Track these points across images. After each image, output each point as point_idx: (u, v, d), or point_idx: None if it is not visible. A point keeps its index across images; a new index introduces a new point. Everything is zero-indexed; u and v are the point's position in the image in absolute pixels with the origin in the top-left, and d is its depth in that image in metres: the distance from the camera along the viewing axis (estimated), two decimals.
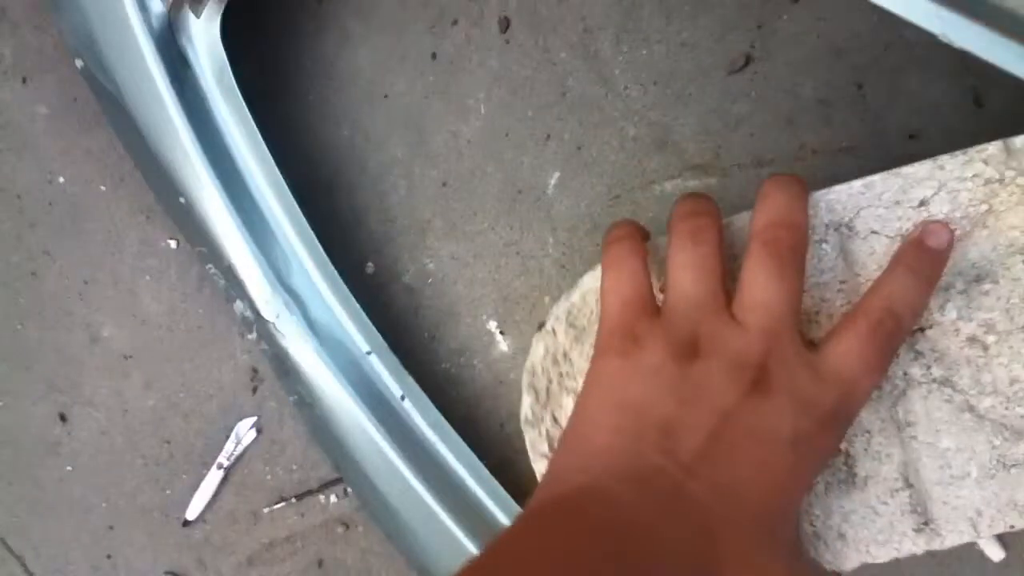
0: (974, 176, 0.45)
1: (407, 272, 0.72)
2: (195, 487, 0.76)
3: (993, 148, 0.45)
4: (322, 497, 0.75)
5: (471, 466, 0.68)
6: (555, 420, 0.51)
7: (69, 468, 0.79)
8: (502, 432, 0.71)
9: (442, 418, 0.68)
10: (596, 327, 0.46)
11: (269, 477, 0.75)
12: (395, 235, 0.71)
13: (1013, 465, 0.45)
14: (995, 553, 0.63)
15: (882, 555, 0.46)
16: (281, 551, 0.76)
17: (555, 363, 0.50)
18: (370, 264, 0.72)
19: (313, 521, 0.75)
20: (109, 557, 0.79)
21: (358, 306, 0.67)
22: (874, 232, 0.46)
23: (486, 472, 0.68)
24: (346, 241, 0.72)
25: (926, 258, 0.42)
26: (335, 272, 0.68)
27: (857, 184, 0.46)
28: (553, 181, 0.67)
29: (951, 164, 0.45)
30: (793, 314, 0.38)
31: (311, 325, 0.68)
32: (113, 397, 0.78)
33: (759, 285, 0.38)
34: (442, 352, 0.72)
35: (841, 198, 0.46)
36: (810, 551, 0.46)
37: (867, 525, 0.46)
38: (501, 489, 0.66)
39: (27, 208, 0.78)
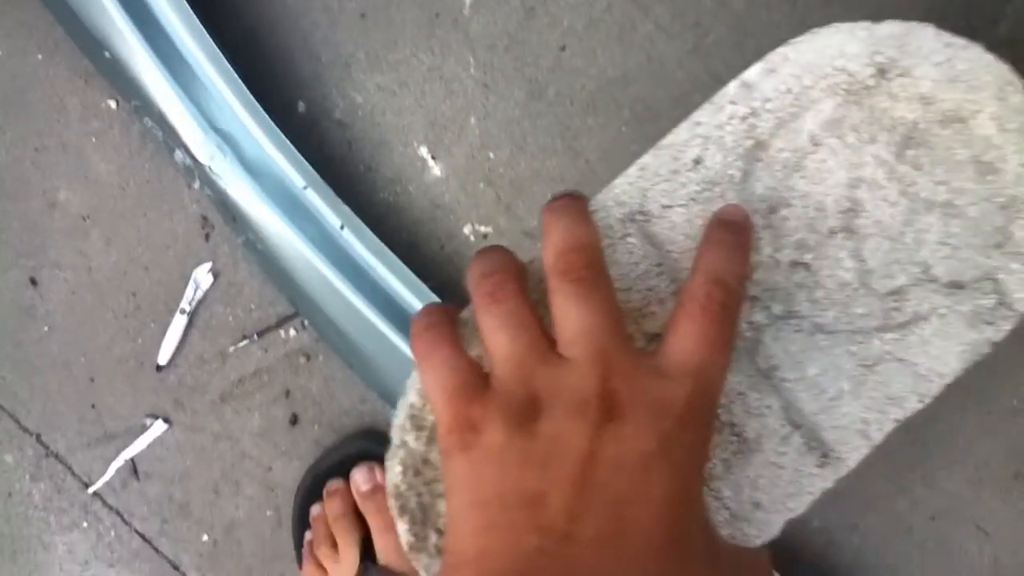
0: (731, 118, 0.47)
1: (337, 108, 0.75)
2: (163, 334, 0.82)
3: (733, 88, 0.47)
4: (282, 332, 0.80)
5: (415, 288, 0.73)
6: (440, 532, 0.46)
7: (46, 328, 0.85)
8: (443, 253, 0.76)
9: (381, 243, 0.72)
10: None
11: (231, 318, 0.81)
12: (322, 72, 0.75)
13: (875, 363, 0.47)
14: None
15: (798, 505, 0.46)
16: (250, 386, 0.82)
17: (417, 474, 0.46)
18: (301, 103, 0.76)
19: (276, 355, 0.81)
20: (93, 407, 0.86)
21: (287, 141, 0.71)
22: (666, 206, 0.47)
23: (430, 292, 0.72)
24: (275, 83, 0.75)
25: (733, 228, 0.41)
26: (261, 109, 0.71)
27: (632, 170, 0.47)
28: (469, 1, 0.70)
29: (705, 116, 0.47)
30: (614, 327, 0.37)
31: (246, 165, 0.72)
32: (77, 257, 0.83)
33: (571, 316, 0.36)
34: (379, 182, 0.76)
35: (625, 189, 0.47)
36: (734, 535, 0.46)
37: (776, 483, 0.46)
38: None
39: None
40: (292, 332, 0.79)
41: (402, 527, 0.44)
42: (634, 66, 0.70)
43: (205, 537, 0.85)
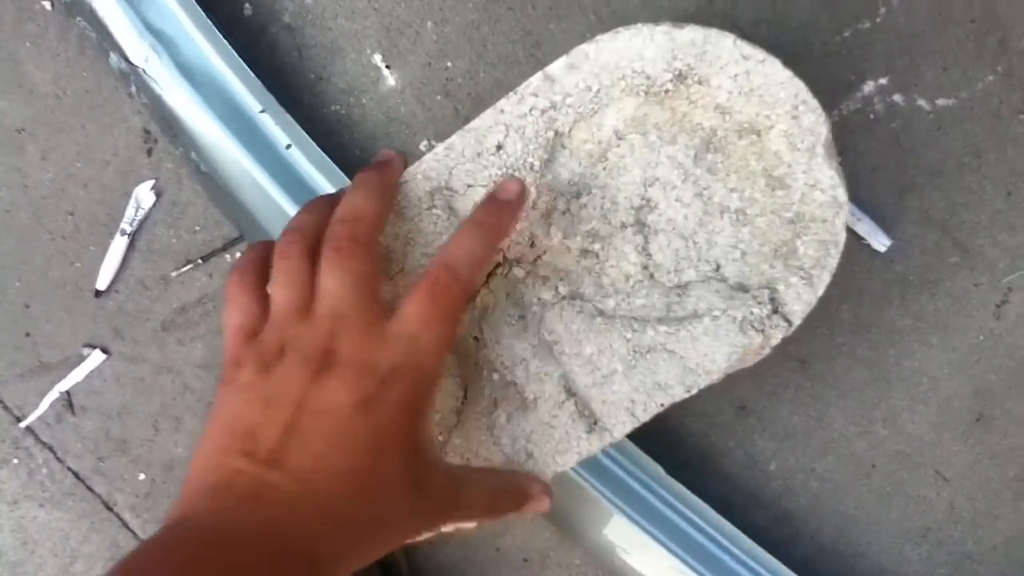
0: (531, 110, 0.52)
1: (286, 11, 0.73)
2: (103, 257, 0.80)
3: (536, 81, 0.52)
4: (228, 256, 0.78)
5: None
6: None
7: None
8: None
9: (331, 161, 0.70)
10: None
11: (174, 240, 0.78)
12: None
13: (647, 351, 0.52)
14: (881, 243, 0.66)
15: (567, 461, 0.53)
16: (194, 314, 0.80)
17: None
18: (247, 6, 0.73)
19: (222, 281, 0.78)
20: (28, 335, 0.83)
21: (225, 41, 0.68)
22: (470, 186, 0.53)
23: None
24: None
25: (493, 210, 0.49)
26: (200, 10, 0.68)
27: (440, 148, 0.53)
28: None
29: (508, 105, 0.52)
30: (357, 293, 0.43)
31: (182, 69, 0.70)
32: (12, 173, 0.80)
33: (322, 280, 0.43)
34: (331, 93, 0.74)
35: (432, 165, 0.53)
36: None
37: (547, 440, 0.53)
38: None
39: None
40: (238, 255, 0.77)
41: None
42: None
43: (142, 476, 0.83)
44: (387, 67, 0.70)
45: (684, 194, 0.53)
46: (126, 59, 0.68)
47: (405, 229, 0.54)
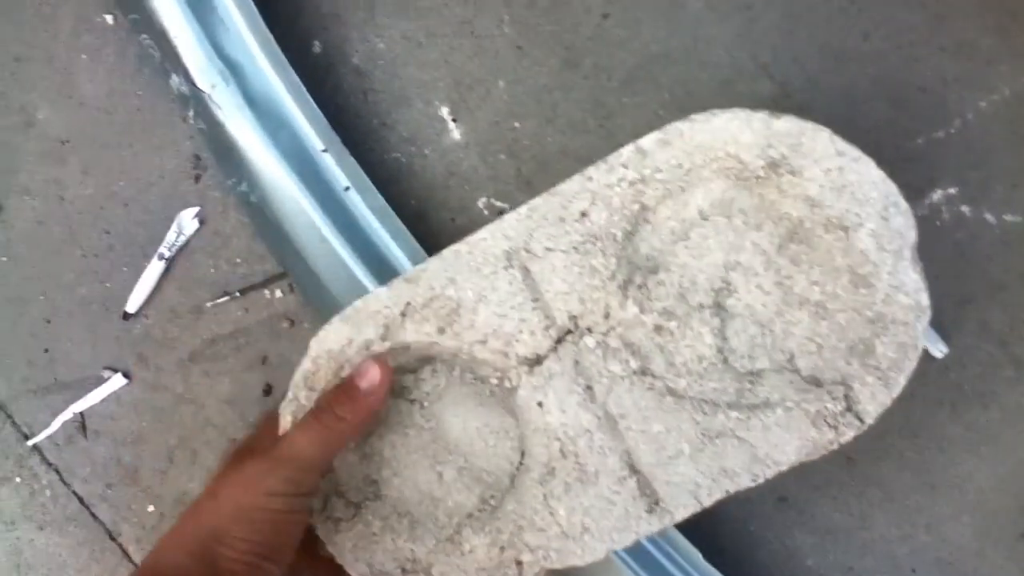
0: (620, 180, 0.53)
1: (356, 53, 0.73)
2: (135, 280, 0.79)
3: (628, 152, 0.53)
4: (267, 292, 0.78)
5: (419, 261, 0.71)
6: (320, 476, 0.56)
7: (4, 259, 0.81)
8: (452, 225, 0.74)
9: (389, 208, 0.70)
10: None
11: (212, 271, 0.78)
12: (343, 12, 0.72)
13: (717, 436, 0.52)
14: (938, 350, 0.67)
15: (624, 540, 0.53)
16: (224, 347, 0.79)
17: None
18: (317, 43, 0.73)
19: (258, 317, 0.78)
20: (46, 351, 0.82)
21: (299, 81, 0.69)
22: (549, 250, 0.54)
23: None
24: (291, 17, 0.73)
25: (343, 399, 0.52)
26: (274, 41, 0.68)
27: (523, 209, 0.54)
28: None
29: (597, 174, 0.53)
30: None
31: (250, 100, 0.70)
32: (50, 185, 0.80)
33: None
34: (393, 140, 0.74)
35: (513, 225, 0.54)
36: (561, 550, 0.53)
37: (606, 516, 0.53)
38: None
39: None
40: (278, 293, 0.76)
41: None
42: (678, 45, 0.68)
43: (151, 507, 0.82)
44: (453, 120, 0.71)
45: (765, 281, 0.53)
46: (191, 83, 0.68)
47: (480, 287, 0.54)
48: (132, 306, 0.78)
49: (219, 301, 0.77)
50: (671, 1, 0.66)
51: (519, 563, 0.54)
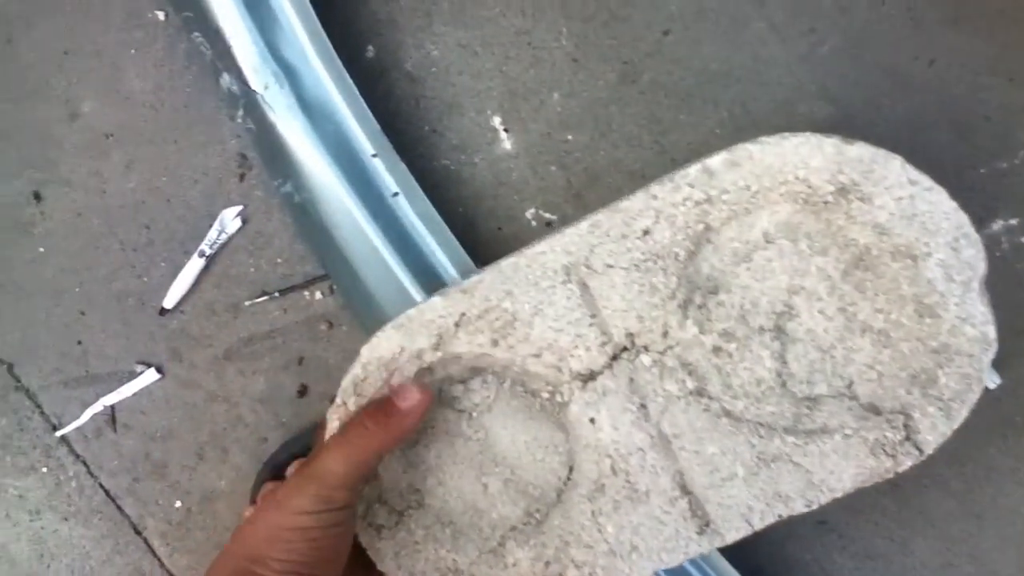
0: (685, 200, 0.53)
1: (409, 59, 0.73)
2: (174, 275, 0.78)
3: (694, 171, 0.53)
4: (306, 293, 0.78)
5: (465, 269, 0.71)
6: (365, 482, 0.56)
7: (41, 249, 0.81)
8: (500, 234, 0.74)
9: (437, 216, 0.70)
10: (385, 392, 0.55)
11: (252, 269, 0.78)
12: (398, 17, 0.72)
13: (772, 460, 0.53)
14: (991, 380, 0.67)
15: (672, 560, 0.53)
16: (261, 346, 0.79)
17: None
18: (371, 47, 0.73)
19: (296, 317, 0.78)
20: (80, 343, 0.82)
21: (353, 86, 0.69)
22: (609, 266, 0.54)
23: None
24: (346, 21, 0.73)
25: (381, 417, 0.53)
26: (330, 46, 0.68)
27: (584, 224, 0.54)
28: None
29: (662, 192, 0.53)
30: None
31: (302, 102, 0.70)
32: (91, 177, 0.80)
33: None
34: (443, 147, 0.74)
35: (574, 240, 0.54)
36: (608, 567, 0.54)
37: (655, 535, 0.53)
38: None
39: None
40: (318, 295, 0.76)
41: None
42: (739, 64, 0.68)
43: (178, 503, 0.82)
44: (505, 130, 0.71)
45: (828, 307, 0.53)
46: (243, 83, 0.68)
47: (536, 300, 0.55)
48: (169, 301, 0.78)
49: (258, 300, 0.77)
50: (733, 21, 0.66)
51: None
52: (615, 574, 0.54)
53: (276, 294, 0.76)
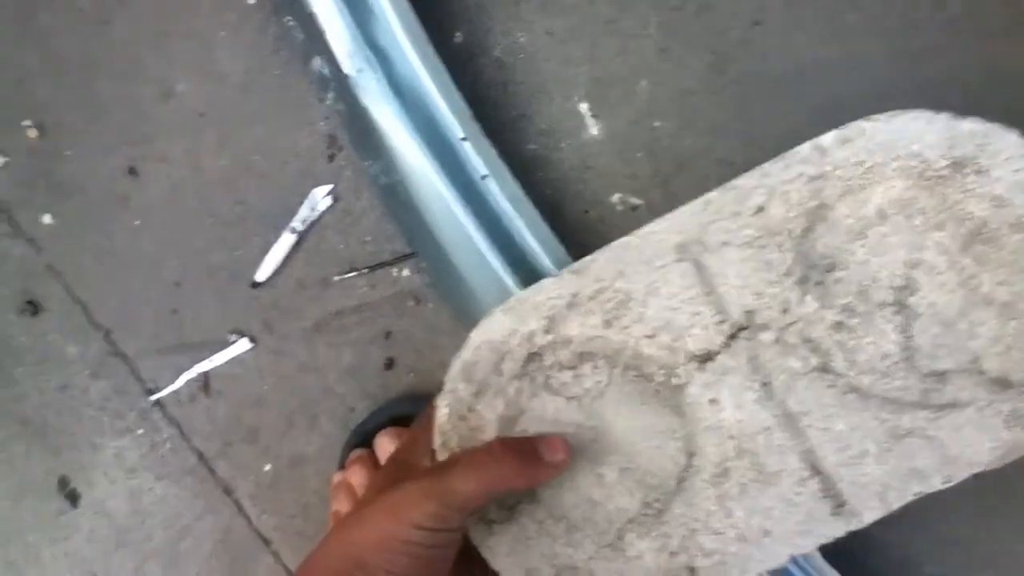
0: (797, 176, 0.53)
1: (498, 45, 0.74)
2: (265, 250, 0.81)
3: (806, 149, 0.53)
4: (394, 270, 0.80)
5: (551, 250, 0.73)
6: None
7: (137, 222, 0.85)
8: (586, 217, 0.76)
9: (525, 197, 0.72)
10: (496, 378, 0.55)
11: (342, 246, 0.81)
12: (488, 5, 0.73)
13: (904, 435, 0.51)
14: None
15: (807, 544, 0.52)
16: (349, 320, 0.82)
17: (461, 419, 0.56)
18: (459, 33, 0.75)
19: (383, 293, 0.81)
20: (175, 312, 0.86)
21: (446, 71, 0.70)
22: (723, 243, 0.53)
23: (566, 256, 0.71)
24: (436, 6, 0.74)
25: (528, 464, 0.51)
26: (423, 31, 0.70)
27: (698, 203, 0.53)
28: None
29: (773, 169, 0.53)
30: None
31: (394, 86, 0.72)
32: (186, 154, 0.82)
33: None
34: (531, 132, 0.75)
35: (687, 219, 0.53)
36: (739, 554, 0.52)
37: (788, 518, 0.52)
38: None
39: None
40: (405, 272, 0.79)
41: (442, 456, 0.54)
42: (830, 55, 0.69)
43: (268, 467, 0.86)
44: (593, 116, 0.72)
45: (949, 281, 0.53)
46: (336, 66, 0.69)
47: (651, 278, 0.54)
48: (262, 275, 0.81)
49: (347, 276, 0.79)
50: (828, 12, 0.66)
51: (691, 569, 0.52)
52: (747, 562, 0.52)
53: (365, 270, 0.79)
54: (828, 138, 0.53)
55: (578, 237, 0.73)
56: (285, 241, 0.79)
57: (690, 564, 0.53)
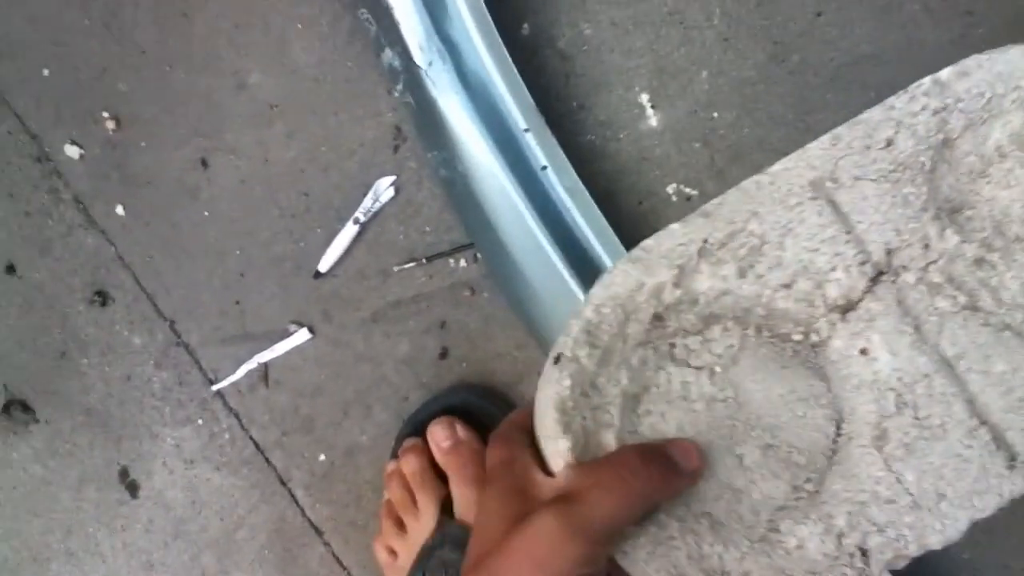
0: (923, 108, 0.50)
1: (562, 37, 0.77)
2: (328, 241, 0.84)
3: (927, 82, 0.50)
4: (451, 260, 0.82)
5: (606, 240, 0.74)
6: None
7: (206, 213, 0.88)
8: (639, 209, 0.77)
9: (583, 188, 0.73)
10: (620, 344, 0.47)
11: (402, 237, 0.83)
12: None
13: None
14: None
15: (987, 505, 0.45)
16: (406, 310, 0.84)
17: (584, 395, 0.46)
18: (526, 25, 0.77)
19: (440, 284, 0.83)
20: (238, 303, 0.89)
21: (513, 67, 0.72)
22: (857, 178, 0.49)
23: (621, 247, 0.72)
24: (504, 0, 0.77)
25: (659, 471, 0.44)
26: (492, 26, 0.72)
27: (825, 139, 0.50)
28: None
29: (899, 103, 0.50)
30: None
31: (464, 79, 0.74)
32: (255, 146, 0.86)
33: None
34: (589, 123, 0.77)
35: (818, 155, 0.50)
36: (914, 525, 0.46)
37: (962, 477, 0.45)
38: None
39: None
40: (462, 263, 0.81)
41: (563, 444, 0.44)
42: (890, 45, 0.70)
43: (322, 457, 0.87)
44: (652, 107, 0.74)
45: None
46: (407, 59, 0.72)
47: (786, 218, 0.49)
48: (324, 266, 0.83)
49: (406, 266, 0.81)
50: (888, 3, 0.68)
51: (864, 551, 0.46)
52: (927, 533, 0.45)
53: (423, 260, 0.80)
54: (945, 73, 0.50)
55: (631, 228, 0.74)
56: (348, 232, 0.82)
57: (862, 544, 0.46)
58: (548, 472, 0.45)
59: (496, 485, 0.44)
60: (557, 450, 0.44)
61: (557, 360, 0.46)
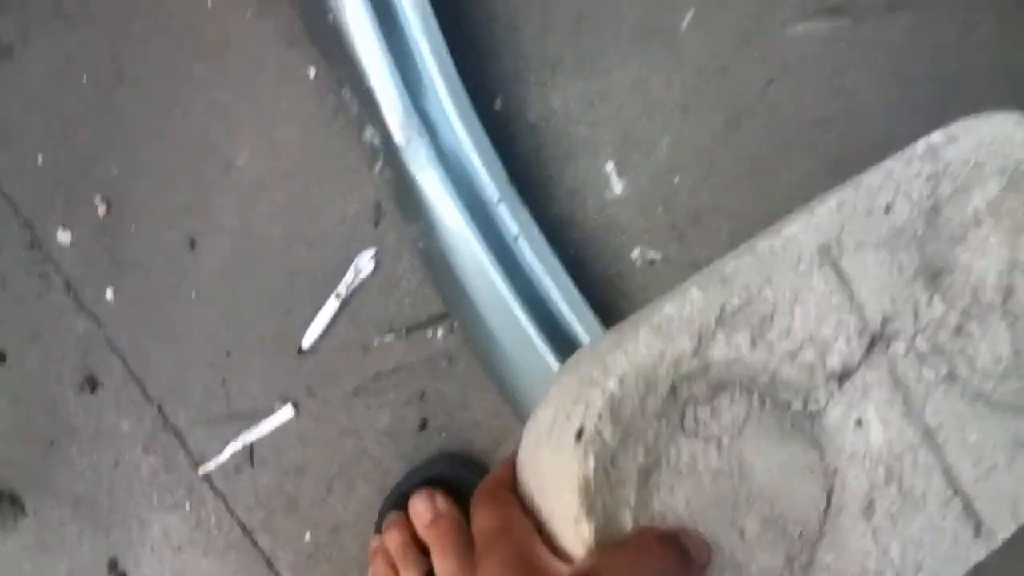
0: (918, 174, 0.50)
1: (532, 109, 0.81)
2: (312, 316, 0.87)
3: (922, 146, 0.51)
4: (430, 331, 0.85)
5: (577, 307, 0.76)
6: None
7: (194, 294, 0.91)
8: (604, 274, 0.79)
9: (555, 258, 0.76)
10: (639, 418, 0.45)
11: (383, 309, 0.85)
12: (524, 70, 0.81)
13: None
14: None
15: (957, 574, 0.47)
16: (387, 382, 0.86)
17: (605, 474, 0.44)
18: (499, 99, 0.82)
19: (419, 355, 0.85)
20: (224, 382, 0.91)
21: (488, 141, 0.75)
22: (860, 244, 0.49)
23: (592, 317, 0.75)
24: (478, 76, 0.82)
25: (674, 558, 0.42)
26: (468, 102, 0.76)
27: (833, 203, 0.50)
28: (687, 19, 0.76)
29: (896, 166, 0.51)
30: None
31: (440, 155, 0.78)
32: (242, 225, 0.89)
33: None
34: (558, 194, 0.81)
35: (826, 219, 0.49)
36: None
37: (937, 546, 0.47)
38: (602, 332, 0.74)
39: (175, 31, 0.91)
40: (439, 333, 0.83)
41: (586, 529, 0.43)
42: (836, 111, 0.74)
43: (308, 536, 0.88)
44: (617, 175, 0.77)
45: None
46: (387, 137, 0.76)
47: (796, 285, 0.48)
48: (307, 342, 0.85)
49: (385, 339, 0.84)
50: (833, 71, 0.72)
51: None
52: None
53: (403, 332, 0.83)
54: (937, 136, 0.50)
55: (597, 293, 0.77)
56: (330, 307, 0.84)
57: None
58: (552, 545, 0.43)
59: (495, 555, 0.42)
60: (579, 534, 0.43)
61: (579, 436, 0.44)
